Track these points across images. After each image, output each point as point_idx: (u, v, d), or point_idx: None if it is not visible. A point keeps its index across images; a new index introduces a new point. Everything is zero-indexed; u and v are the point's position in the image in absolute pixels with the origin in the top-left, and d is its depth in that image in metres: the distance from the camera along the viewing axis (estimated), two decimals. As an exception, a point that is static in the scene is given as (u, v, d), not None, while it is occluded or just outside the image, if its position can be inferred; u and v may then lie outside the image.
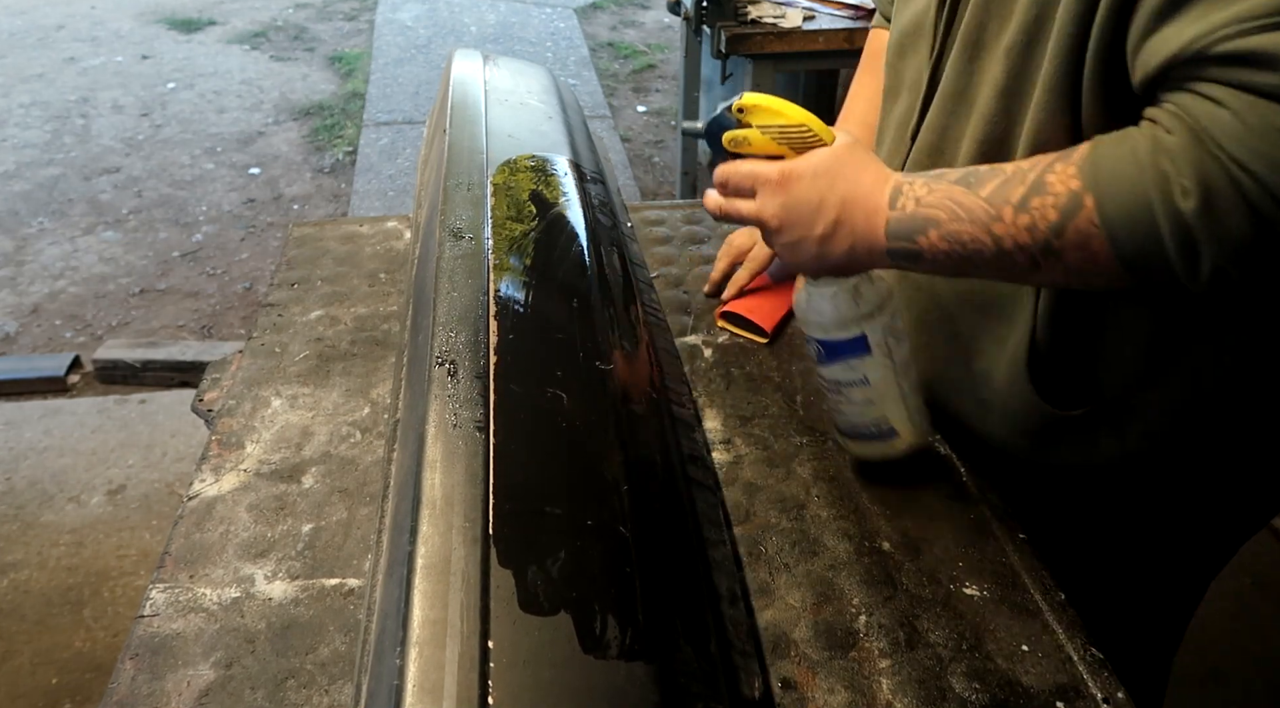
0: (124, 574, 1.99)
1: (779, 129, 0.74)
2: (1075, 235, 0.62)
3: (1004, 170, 0.67)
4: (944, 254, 0.68)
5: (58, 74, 4.44)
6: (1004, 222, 0.65)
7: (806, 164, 0.73)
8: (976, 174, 0.68)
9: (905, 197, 0.70)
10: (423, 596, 0.55)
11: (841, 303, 0.78)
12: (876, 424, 0.82)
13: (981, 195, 0.66)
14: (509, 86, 1.18)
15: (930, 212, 0.68)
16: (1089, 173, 0.61)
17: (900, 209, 0.70)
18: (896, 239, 0.70)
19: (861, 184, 0.72)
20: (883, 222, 0.71)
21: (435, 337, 0.75)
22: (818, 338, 0.81)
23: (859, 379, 0.80)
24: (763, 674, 0.70)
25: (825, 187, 0.72)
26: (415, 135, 3.90)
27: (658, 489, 0.69)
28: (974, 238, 0.66)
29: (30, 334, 2.83)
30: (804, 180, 0.73)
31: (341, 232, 1.31)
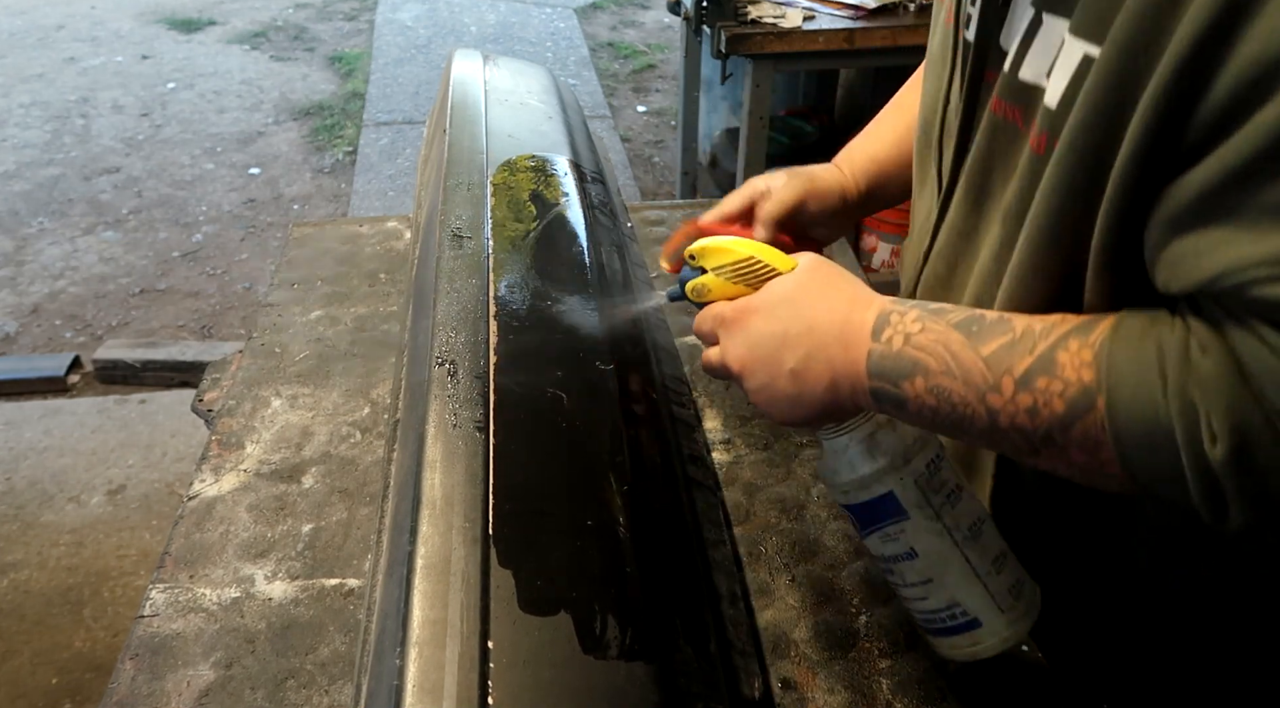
0: (124, 574, 1.99)
1: (731, 268, 0.67)
2: (1082, 437, 0.52)
3: (1013, 327, 0.56)
4: (930, 410, 0.58)
5: (58, 74, 4.44)
6: (1002, 395, 0.54)
7: (762, 297, 0.65)
8: (981, 323, 0.57)
9: (894, 329, 0.59)
10: (423, 596, 0.55)
11: (855, 456, 0.65)
12: (949, 613, 0.65)
13: (982, 353, 0.56)
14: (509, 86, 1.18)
15: (919, 356, 0.58)
16: (1105, 367, 0.51)
17: (886, 343, 0.59)
18: (879, 378, 0.59)
19: (834, 308, 0.62)
20: (864, 354, 0.60)
21: (435, 337, 0.75)
22: (843, 503, 0.67)
23: (905, 552, 0.65)
24: (763, 674, 0.70)
25: (789, 315, 0.63)
26: (415, 135, 3.90)
27: (658, 489, 0.69)
28: (965, 402, 0.56)
29: (30, 334, 2.83)
30: (761, 312, 0.64)
31: (341, 232, 1.31)
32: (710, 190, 3.07)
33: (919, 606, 0.67)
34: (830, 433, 0.66)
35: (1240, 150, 0.44)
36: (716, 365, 0.68)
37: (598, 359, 0.74)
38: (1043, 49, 0.56)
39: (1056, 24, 0.55)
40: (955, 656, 0.67)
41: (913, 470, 0.64)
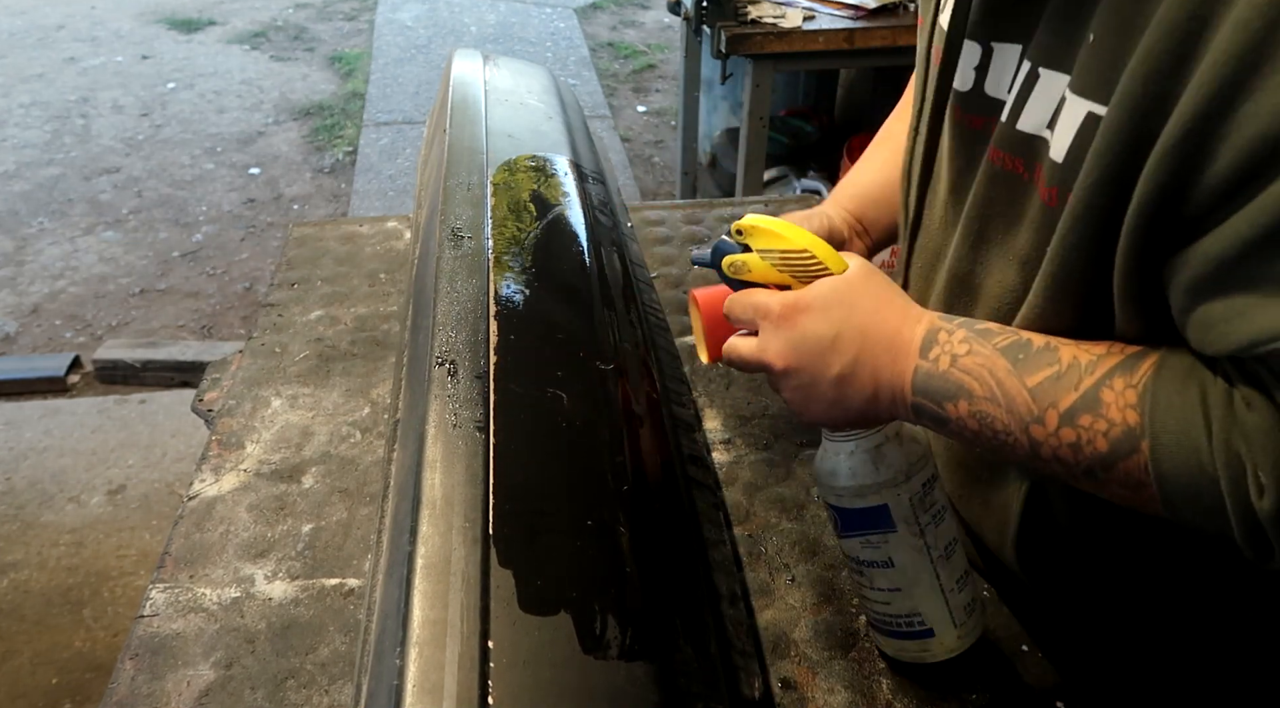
0: (124, 574, 1.99)
1: (780, 255, 0.64)
2: (1125, 476, 0.53)
3: (1059, 357, 0.56)
4: (972, 432, 0.58)
5: (58, 74, 4.44)
6: (1045, 428, 0.55)
7: (816, 293, 0.62)
8: (1027, 350, 0.57)
9: (941, 348, 0.59)
10: (423, 596, 0.55)
11: (859, 464, 0.65)
12: (907, 620, 0.68)
13: (1027, 383, 0.56)
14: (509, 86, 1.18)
15: (964, 379, 0.58)
16: (1149, 411, 0.51)
17: (933, 361, 0.59)
18: (923, 396, 0.60)
19: (885, 318, 0.61)
20: (911, 369, 0.60)
21: (435, 337, 0.75)
22: (830, 503, 0.68)
23: (882, 560, 0.66)
24: (763, 674, 0.70)
25: (841, 319, 0.61)
26: (415, 135, 3.90)
27: (658, 489, 0.69)
28: (1007, 430, 0.57)
29: (30, 334, 2.82)
30: (813, 312, 0.62)
31: (341, 232, 1.31)
32: (710, 190, 3.07)
33: (879, 608, 0.69)
34: (840, 436, 0.65)
35: (1254, 222, 0.45)
36: (750, 358, 0.65)
37: (598, 359, 0.74)
38: (1042, 102, 0.57)
39: (1055, 79, 0.55)
40: (900, 657, 0.71)
41: (909, 488, 0.65)
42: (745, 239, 0.65)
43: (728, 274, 0.67)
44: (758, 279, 0.65)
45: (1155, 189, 0.48)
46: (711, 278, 0.71)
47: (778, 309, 0.63)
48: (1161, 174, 0.48)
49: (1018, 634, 0.75)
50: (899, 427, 0.65)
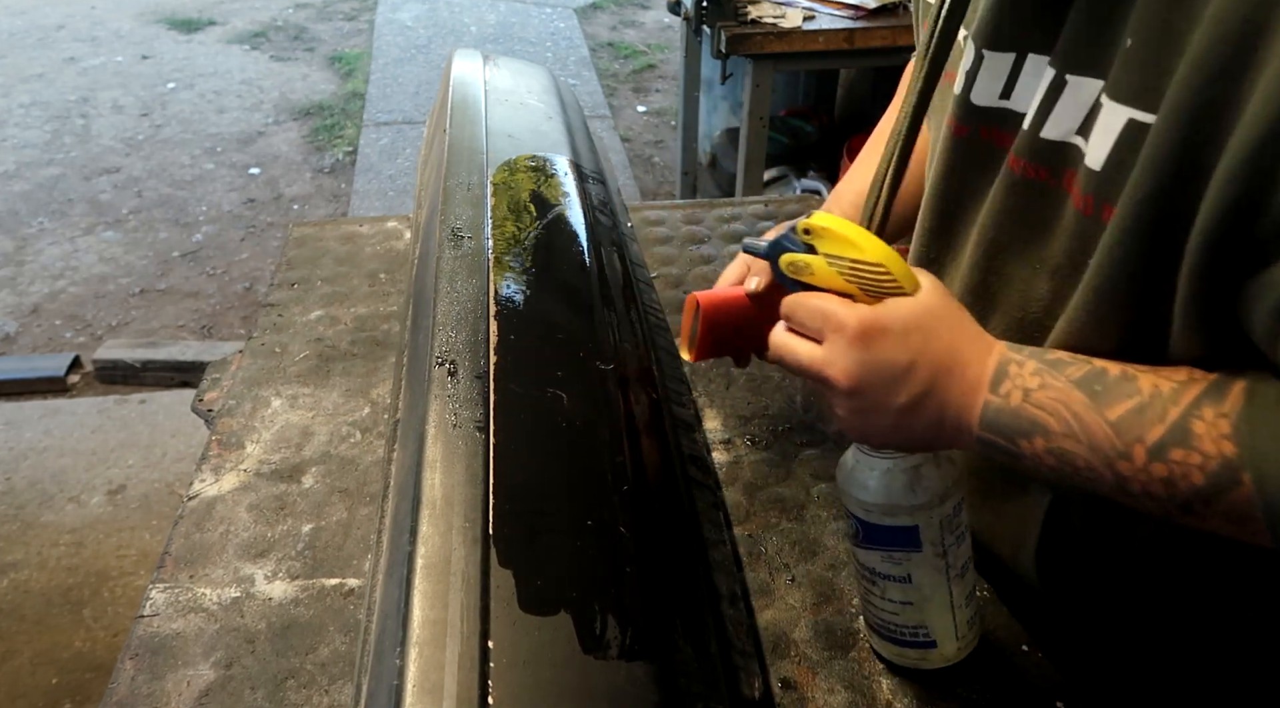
0: (124, 574, 1.99)
1: (850, 264, 0.58)
2: (1227, 509, 0.50)
3: (1139, 388, 0.53)
4: (1050, 469, 0.56)
5: (58, 74, 4.44)
6: (1133, 463, 0.52)
7: (895, 316, 0.57)
8: (1104, 380, 0.54)
9: (1012, 382, 0.57)
10: (423, 596, 0.55)
11: (894, 484, 0.63)
12: (913, 631, 0.68)
13: (1108, 417, 0.53)
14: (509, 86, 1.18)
15: (1039, 415, 0.55)
16: (1247, 442, 0.49)
17: (1003, 396, 0.56)
18: (993, 431, 0.57)
19: (958, 347, 0.58)
20: (980, 404, 0.57)
21: (435, 337, 0.75)
22: (856, 515, 0.65)
23: (900, 576, 0.65)
24: (763, 674, 0.70)
25: (918, 347, 0.57)
26: (415, 135, 3.90)
27: (658, 489, 0.69)
28: (1090, 467, 0.54)
29: (30, 334, 2.82)
30: (891, 336, 0.57)
31: (341, 232, 1.31)
32: (710, 190, 3.07)
33: (886, 616, 0.69)
34: (877, 453, 0.63)
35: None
36: (809, 366, 0.60)
37: (598, 359, 0.74)
38: (1070, 109, 0.55)
39: (1085, 84, 0.54)
40: (897, 661, 0.72)
41: (941, 511, 0.63)
42: (813, 240, 0.59)
43: (785, 272, 0.62)
44: (818, 284, 0.60)
45: (1224, 208, 0.46)
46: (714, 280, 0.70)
47: (854, 326, 0.57)
48: (1230, 193, 0.45)
49: (1017, 634, 0.75)
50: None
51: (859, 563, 0.68)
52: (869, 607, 0.70)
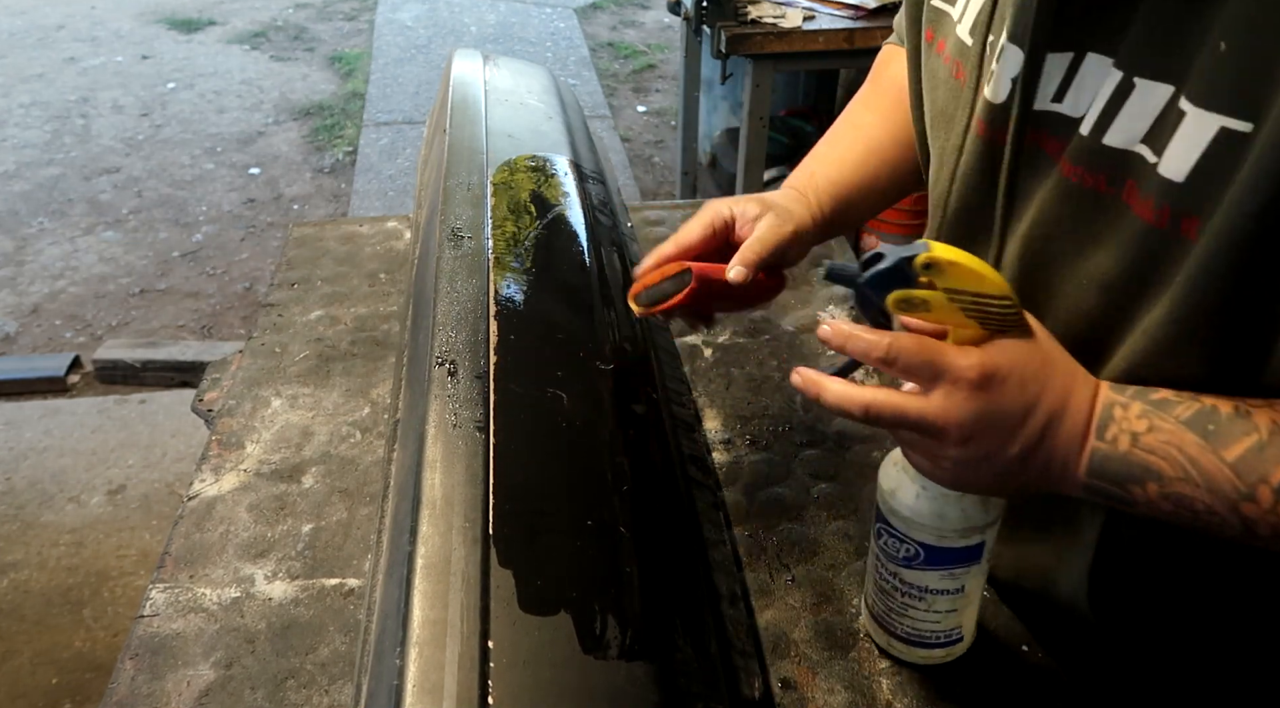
0: (124, 574, 1.99)
1: (973, 298, 0.53)
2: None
3: (1255, 424, 0.50)
4: (1168, 514, 0.53)
5: (58, 74, 4.44)
6: (1259, 505, 0.50)
7: (1013, 363, 0.54)
8: (1216, 419, 0.51)
9: (1118, 427, 0.54)
10: (423, 596, 0.55)
11: (970, 507, 0.61)
12: (948, 633, 0.69)
13: (1226, 458, 0.50)
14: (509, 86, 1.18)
15: (1150, 460, 0.52)
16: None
17: (1110, 442, 0.54)
18: (1101, 478, 0.54)
19: (1067, 389, 0.55)
20: (1086, 451, 0.54)
21: (435, 337, 0.75)
22: (928, 542, 0.63)
23: (955, 589, 0.66)
24: (763, 674, 0.70)
25: (1035, 395, 0.54)
26: (415, 135, 3.90)
27: (658, 489, 0.69)
28: (1211, 511, 0.51)
29: (30, 334, 2.82)
30: (1009, 385, 0.53)
31: (341, 232, 1.31)
32: (710, 190, 3.07)
33: (926, 625, 0.69)
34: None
35: None
36: (917, 419, 0.54)
37: (598, 359, 0.74)
38: (1137, 114, 0.52)
39: (1157, 89, 0.51)
40: (920, 662, 0.72)
41: (1000, 521, 0.64)
42: (933, 275, 0.53)
43: (890, 308, 0.55)
44: (933, 320, 0.55)
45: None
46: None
47: (975, 377, 0.53)
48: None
49: (1018, 634, 0.75)
50: None
51: (906, 583, 0.67)
52: (901, 619, 0.69)
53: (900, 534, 0.64)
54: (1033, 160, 0.60)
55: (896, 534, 0.65)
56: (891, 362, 0.54)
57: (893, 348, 0.54)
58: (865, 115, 0.86)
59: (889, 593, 0.69)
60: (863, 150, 0.83)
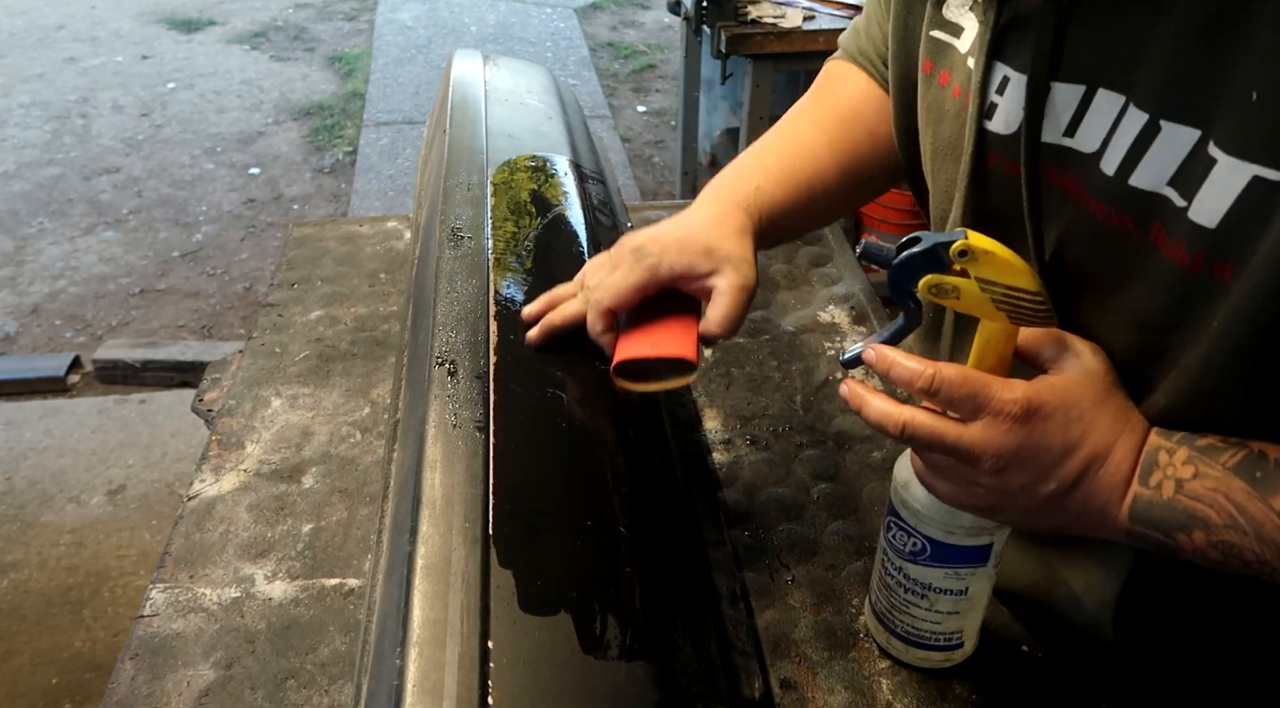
0: (124, 574, 1.99)
1: (1005, 290, 0.53)
2: None
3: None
4: (1215, 563, 0.52)
5: (58, 74, 4.44)
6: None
7: (1058, 401, 0.53)
8: (1264, 466, 0.50)
9: (1163, 472, 0.53)
10: (423, 596, 0.55)
11: None
12: (948, 636, 0.70)
13: (1275, 505, 0.49)
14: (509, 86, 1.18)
15: (1197, 507, 0.51)
16: None
17: (1155, 488, 0.53)
18: (1145, 525, 0.53)
19: (1115, 441, 0.54)
20: (1129, 497, 0.53)
21: (435, 337, 0.75)
22: (935, 537, 0.63)
23: (959, 589, 0.66)
24: (763, 674, 0.70)
25: (1078, 435, 0.53)
26: (415, 135, 3.90)
27: (657, 489, 0.69)
28: (1261, 560, 0.50)
29: (30, 334, 2.82)
30: (1053, 422, 0.53)
31: (341, 232, 1.31)
32: (710, 190, 3.06)
33: (926, 625, 0.69)
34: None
35: None
36: (954, 445, 0.54)
37: (598, 359, 0.74)
38: (1164, 157, 0.51)
39: (1183, 133, 0.50)
40: (919, 665, 0.72)
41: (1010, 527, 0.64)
42: (967, 262, 0.53)
43: (921, 293, 0.56)
44: (962, 308, 0.55)
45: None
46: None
47: (1018, 410, 0.53)
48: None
49: (1018, 635, 0.75)
50: None
51: (910, 579, 0.67)
52: (902, 617, 0.70)
53: (909, 527, 0.65)
54: (1050, 195, 0.59)
55: (905, 527, 0.65)
56: (935, 392, 0.54)
57: (937, 379, 0.54)
58: (813, 132, 0.81)
59: (892, 589, 0.69)
60: (809, 175, 0.78)
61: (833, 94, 0.84)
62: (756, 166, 0.78)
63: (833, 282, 1.18)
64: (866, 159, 0.80)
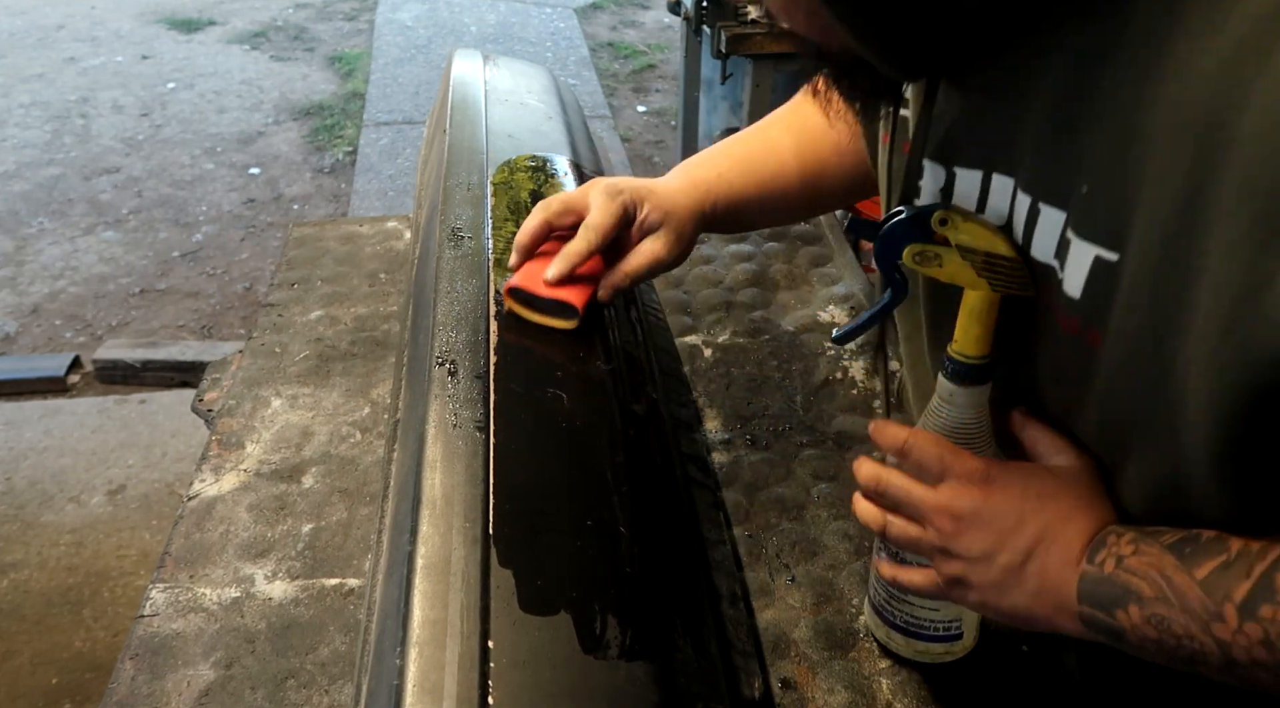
0: (124, 574, 1.99)
1: (984, 257, 0.56)
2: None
3: (1228, 546, 0.51)
4: (1154, 643, 0.53)
5: (58, 74, 4.44)
6: (1227, 625, 0.50)
7: (1015, 474, 0.58)
8: (1195, 542, 0.52)
9: (1108, 550, 0.55)
10: (423, 596, 0.55)
11: None
12: (947, 625, 0.70)
13: (1196, 576, 0.51)
14: (509, 86, 1.19)
15: (1132, 580, 0.53)
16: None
17: (1099, 565, 0.54)
18: (1091, 604, 0.55)
19: (1070, 522, 0.57)
20: (1077, 575, 0.55)
21: (435, 337, 0.75)
22: None
23: None
24: (762, 674, 0.70)
25: (1032, 510, 0.56)
26: (415, 135, 3.90)
27: (657, 489, 0.69)
28: (1189, 633, 0.51)
29: (30, 334, 2.82)
30: (1010, 491, 0.57)
31: (341, 232, 1.31)
32: (710, 190, 3.06)
33: (924, 614, 0.69)
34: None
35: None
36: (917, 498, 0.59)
37: (598, 359, 0.74)
38: (1048, 234, 0.54)
39: (1054, 215, 0.54)
40: (919, 659, 0.72)
41: None
42: (948, 230, 0.56)
43: (906, 261, 0.58)
44: (945, 276, 0.58)
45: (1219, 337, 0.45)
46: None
47: (978, 475, 0.58)
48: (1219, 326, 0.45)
49: (1017, 633, 0.75)
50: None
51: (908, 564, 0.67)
52: (900, 607, 0.70)
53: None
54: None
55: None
56: (906, 453, 0.59)
57: (909, 442, 0.59)
58: (783, 137, 0.86)
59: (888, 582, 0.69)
60: (771, 173, 0.84)
61: (809, 106, 0.87)
62: (724, 155, 0.85)
63: (833, 282, 1.18)
64: (830, 172, 0.84)
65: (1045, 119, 0.52)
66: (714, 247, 1.26)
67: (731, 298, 1.15)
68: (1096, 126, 0.49)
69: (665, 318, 1.07)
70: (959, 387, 0.60)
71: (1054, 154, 0.53)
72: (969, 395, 0.61)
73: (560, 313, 0.75)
